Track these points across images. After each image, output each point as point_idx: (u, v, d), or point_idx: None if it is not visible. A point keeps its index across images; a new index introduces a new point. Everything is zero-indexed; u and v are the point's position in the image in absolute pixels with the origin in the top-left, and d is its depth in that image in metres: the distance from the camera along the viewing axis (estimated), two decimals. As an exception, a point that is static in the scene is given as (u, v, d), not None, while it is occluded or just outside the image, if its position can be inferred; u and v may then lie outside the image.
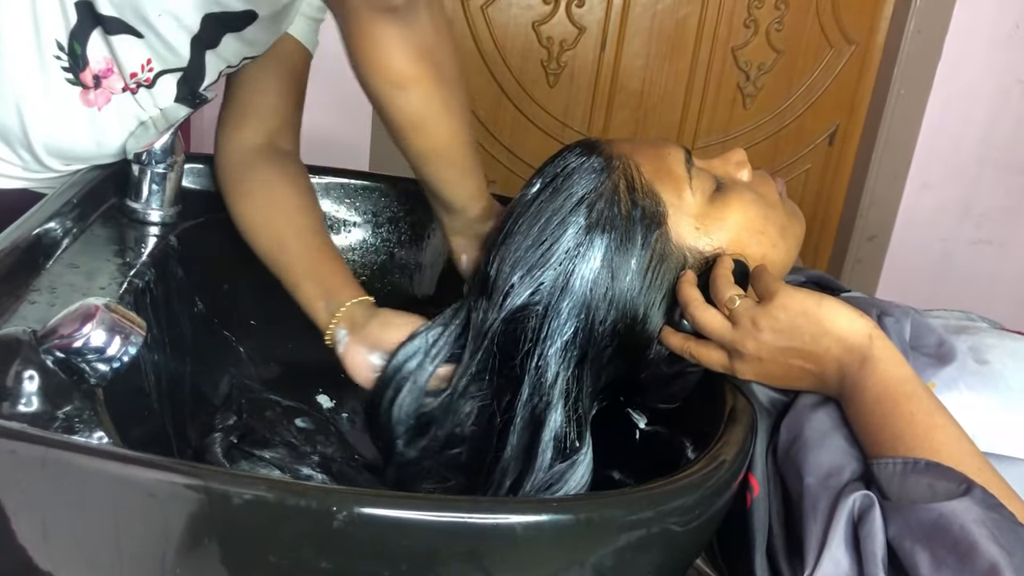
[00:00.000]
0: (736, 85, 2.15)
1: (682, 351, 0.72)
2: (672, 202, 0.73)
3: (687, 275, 0.73)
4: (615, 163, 0.74)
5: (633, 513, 0.54)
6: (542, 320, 0.72)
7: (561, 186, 0.73)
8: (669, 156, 0.75)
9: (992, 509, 0.55)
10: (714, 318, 0.70)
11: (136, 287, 0.77)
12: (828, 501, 0.61)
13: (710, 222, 0.74)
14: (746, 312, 0.68)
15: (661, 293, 0.73)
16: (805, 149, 2.24)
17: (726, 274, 0.70)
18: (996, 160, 2.21)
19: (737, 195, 0.75)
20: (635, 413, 0.80)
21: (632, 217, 0.72)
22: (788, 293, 0.67)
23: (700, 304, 0.70)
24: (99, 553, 0.52)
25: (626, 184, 0.73)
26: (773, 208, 0.76)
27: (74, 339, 0.57)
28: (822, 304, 0.66)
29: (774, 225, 0.75)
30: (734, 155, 0.78)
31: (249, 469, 0.82)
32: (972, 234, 2.29)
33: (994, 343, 0.73)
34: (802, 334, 0.66)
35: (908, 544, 0.56)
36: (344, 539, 0.49)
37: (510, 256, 0.73)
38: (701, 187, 0.74)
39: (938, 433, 0.61)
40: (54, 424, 0.56)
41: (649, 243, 0.72)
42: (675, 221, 0.73)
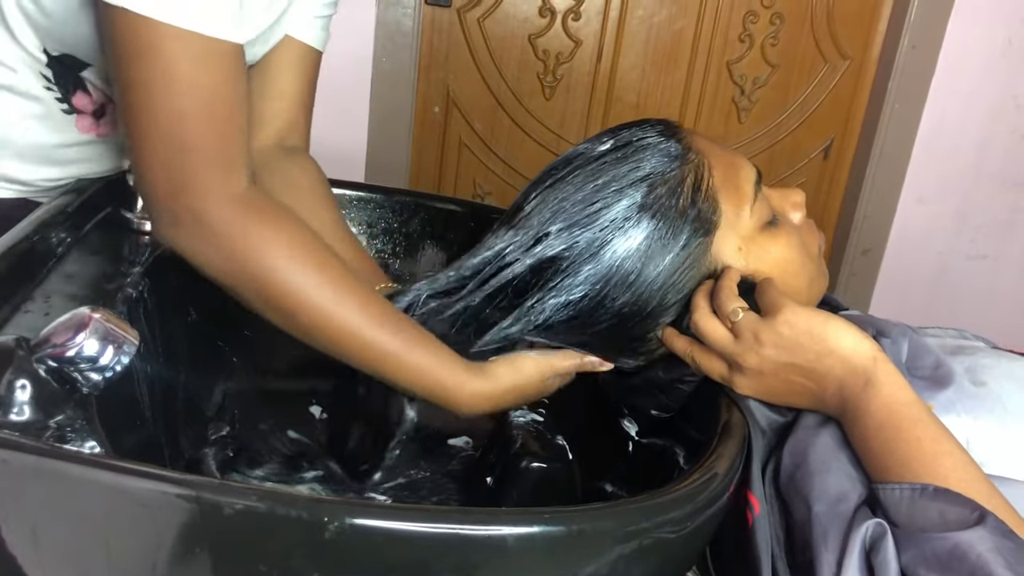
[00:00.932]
0: (731, 99, 2.15)
1: (684, 354, 0.72)
2: (728, 216, 0.72)
3: (706, 284, 0.72)
4: (691, 156, 0.73)
5: (626, 525, 0.54)
6: (560, 275, 0.71)
7: (631, 156, 0.72)
8: (741, 171, 0.74)
9: (1006, 537, 0.55)
10: (717, 328, 0.69)
11: (130, 297, 0.77)
12: (839, 529, 0.61)
13: (754, 248, 0.73)
14: (749, 326, 0.68)
15: (679, 296, 0.72)
16: (800, 163, 2.24)
17: (731, 286, 0.70)
18: (990, 174, 2.22)
19: (787, 234, 0.75)
20: (626, 421, 0.80)
21: (686, 215, 0.71)
22: (794, 310, 0.67)
23: (706, 313, 0.70)
24: (90, 562, 0.51)
25: (694, 181, 0.72)
26: (811, 260, 0.77)
27: (67, 348, 0.57)
28: (828, 323, 0.66)
29: (806, 276, 0.76)
30: (794, 195, 0.78)
31: (241, 480, 0.82)
32: (966, 248, 2.30)
33: (991, 364, 0.73)
34: (805, 352, 0.66)
35: (923, 573, 0.56)
36: (335, 550, 0.49)
37: (554, 203, 0.72)
38: (760, 212, 0.74)
39: (946, 459, 0.60)
40: (46, 433, 0.56)
41: (691, 245, 0.71)
42: (723, 235, 0.72)
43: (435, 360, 0.73)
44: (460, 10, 2.02)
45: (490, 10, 2.02)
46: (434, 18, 2.03)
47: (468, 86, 2.08)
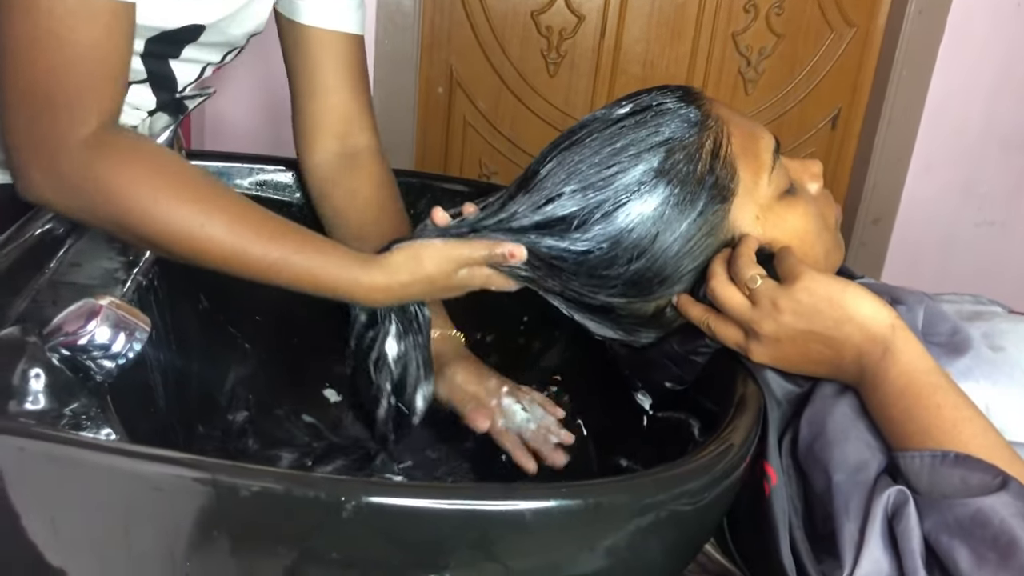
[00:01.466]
0: (737, 70, 2.14)
1: (700, 322, 0.72)
2: (747, 184, 0.72)
3: (723, 252, 0.72)
4: (710, 123, 0.72)
5: (642, 498, 0.54)
6: (567, 230, 0.71)
7: (650, 120, 0.72)
8: (761, 139, 0.74)
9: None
10: (734, 295, 0.69)
11: (140, 284, 0.77)
12: (860, 498, 0.60)
13: (772, 217, 0.73)
14: (767, 293, 0.67)
15: (695, 263, 0.72)
16: (807, 134, 2.23)
17: (749, 253, 0.69)
18: (1000, 140, 2.20)
19: (804, 203, 0.75)
20: (641, 395, 0.80)
21: (704, 181, 0.70)
22: (813, 276, 0.66)
23: (723, 280, 0.69)
24: (109, 548, 0.52)
25: (713, 147, 0.71)
26: (828, 230, 0.76)
27: (79, 336, 0.57)
28: (847, 290, 0.65)
29: (822, 246, 0.75)
30: (812, 165, 0.78)
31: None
32: (976, 215, 2.28)
33: (1008, 329, 0.72)
34: (824, 319, 0.65)
35: (945, 540, 0.56)
36: (353, 529, 0.49)
37: (569, 165, 0.71)
38: (778, 181, 0.73)
39: (966, 426, 0.60)
40: (61, 421, 0.56)
41: (708, 212, 0.71)
42: (741, 202, 0.72)
43: (323, 260, 0.73)
44: (462, -11, 2.01)
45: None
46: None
47: (471, 65, 2.07)
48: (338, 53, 0.94)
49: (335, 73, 0.93)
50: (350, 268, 0.73)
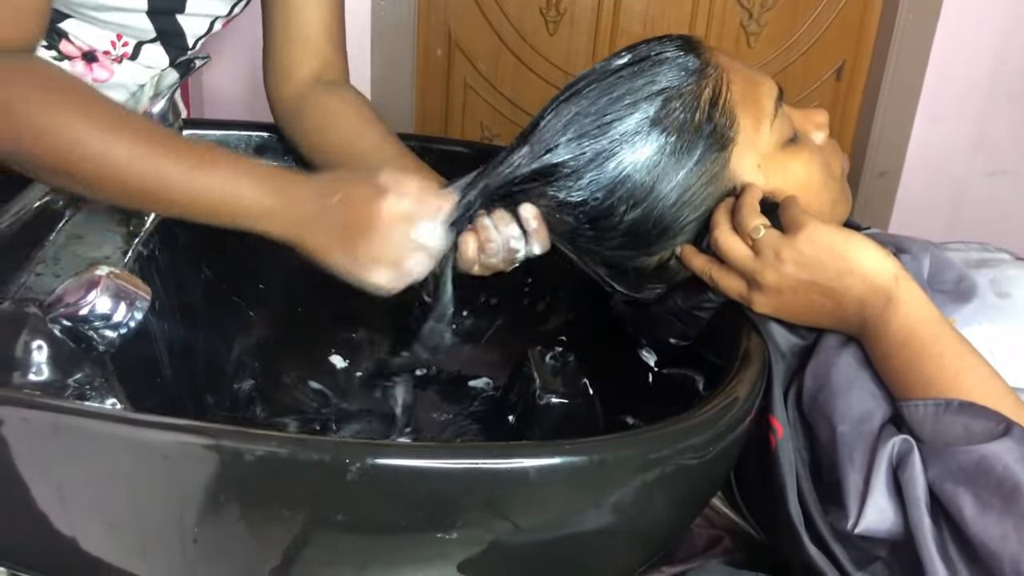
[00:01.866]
0: (739, 24, 2.11)
1: (702, 273, 0.71)
2: (747, 132, 0.71)
3: (727, 201, 0.71)
4: (709, 71, 0.72)
5: (647, 453, 0.54)
6: (562, 179, 0.71)
7: (647, 70, 0.71)
8: (763, 87, 0.73)
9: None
10: (737, 245, 0.68)
11: (141, 255, 0.77)
12: (865, 448, 0.60)
13: (774, 165, 0.72)
14: (770, 243, 0.67)
15: (696, 213, 0.71)
16: (812, 86, 2.20)
17: (753, 203, 0.69)
18: (1007, 90, 2.17)
19: (808, 152, 0.74)
20: (645, 352, 0.80)
21: (702, 129, 0.70)
22: (816, 227, 0.65)
23: (726, 230, 0.69)
24: (118, 516, 0.52)
25: (711, 95, 0.71)
26: (833, 180, 0.76)
27: (80, 307, 0.57)
28: (849, 240, 0.65)
29: (828, 196, 0.74)
30: (817, 115, 0.77)
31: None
32: (984, 166, 2.26)
33: (1016, 275, 0.72)
34: (826, 269, 0.65)
35: (949, 487, 0.56)
36: (359, 491, 0.49)
37: (567, 116, 0.71)
38: (780, 129, 0.73)
39: (969, 374, 0.60)
40: (66, 392, 0.56)
41: (706, 161, 0.70)
42: (741, 151, 0.71)
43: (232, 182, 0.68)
44: (458, -51, 1.99)
45: (488, -54, 1.99)
46: (432, -41, 2.00)
47: (470, 26, 2.05)
48: (323, 5, 0.93)
49: (313, 19, 0.92)
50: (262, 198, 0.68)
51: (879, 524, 0.58)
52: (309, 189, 0.69)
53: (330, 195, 0.68)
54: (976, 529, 0.54)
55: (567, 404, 0.84)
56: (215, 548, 0.52)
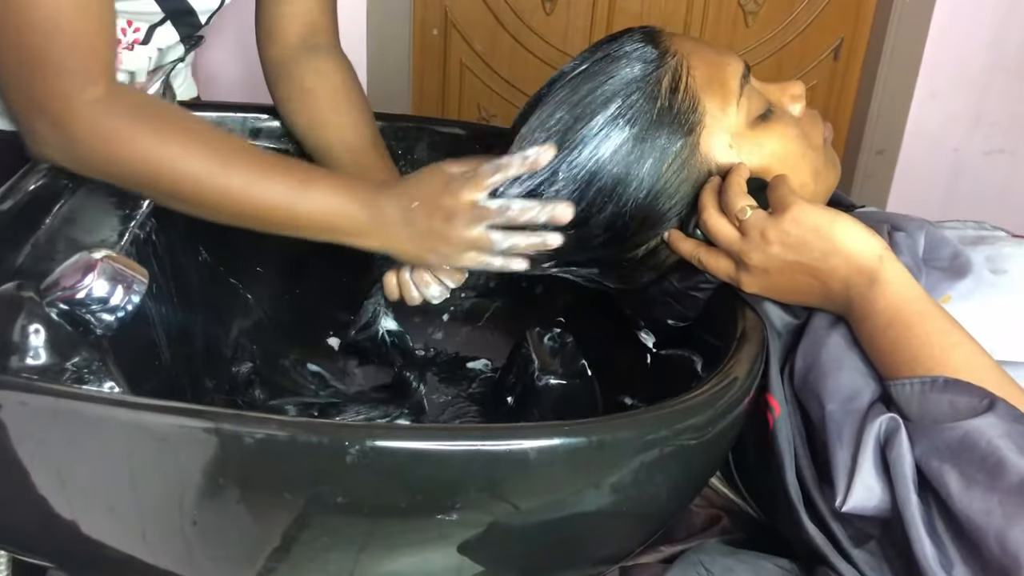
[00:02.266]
0: (737, 3, 2.10)
1: (691, 257, 0.72)
2: (714, 113, 0.71)
3: (713, 180, 0.71)
4: (667, 59, 0.72)
5: (646, 434, 0.54)
6: (539, 182, 0.72)
7: (607, 68, 0.72)
8: (727, 67, 0.73)
9: (1017, 421, 0.55)
10: (724, 226, 0.69)
11: (138, 238, 0.76)
12: (853, 427, 0.61)
13: (746, 144, 0.72)
14: (756, 224, 0.67)
15: (673, 200, 0.72)
16: (810, 65, 2.19)
17: (740, 183, 0.69)
18: (1006, 67, 2.16)
19: (782, 126, 0.74)
20: (644, 333, 0.80)
21: (663, 117, 0.70)
22: (802, 207, 0.66)
23: (714, 211, 0.69)
24: (118, 500, 0.52)
25: (671, 82, 0.71)
26: (814, 150, 0.75)
27: (77, 290, 0.57)
28: (835, 221, 0.65)
29: (809, 166, 0.74)
30: (793, 87, 0.77)
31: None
32: (982, 144, 2.25)
33: (1012, 252, 0.72)
34: (811, 250, 0.65)
35: (936, 464, 0.56)
36: (358, 473, 0.49)
37: (536, 124, 0.73)
38: (748, 107, 0.72)
39: (955, 351, 0.60)
40: (64, 376, 0.56)
41: (672, 147, 0.71)
42: (709, 133, 0.71)
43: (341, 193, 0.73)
44: (453, -72, 1.97)
45: (484, -75, 1.97)
46: (427, -62, 1.98)
47: (466, 5, 2.04)
48: None
49: None
50: (348, 187, 0.73)
51: (866, 502, 0.59)
52: (393, 196, 0.73)
53: (411, 199, 0.72)
54: (961, 505, 0.54)
55: (565, 385, 0.84)
56: (215, 531, 0.53)
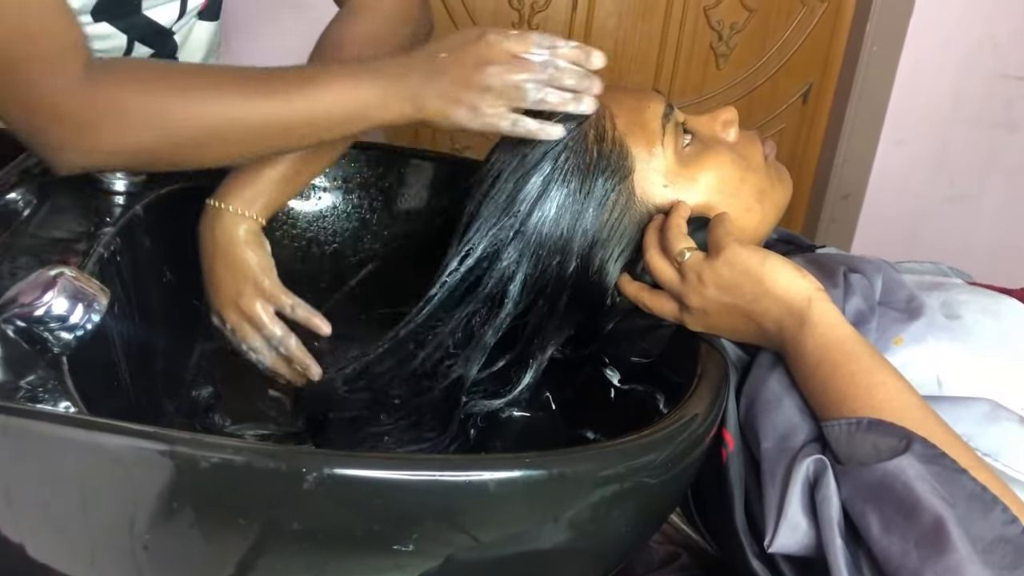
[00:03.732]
0: (709, 45, 2.13)
1: (635, 299, 0.73)
2: (641, 156, 0.72)
3: (656, 220, 0.72)
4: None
5: (606, 468, 0.54)
6: (492, 266, 0.73)
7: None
8: (648, 109, 0.74)
9: (932, 461, 0.55)
10: (665, 268, 0.70)
11: (101, 257, 0.75)
12: (784, 466, 0.61)
13: (679, 180, 0.73)
14: (693, 266, 0.68)
15: (620, 246, 0.73)
16: (779, 108, 2.23)
17: (679, 224, 0.70)
18: (969, 116, 2.22)
19: (713, 155, 0.74)
20: (609, 370, 0.80)
21: (595, 169, 0.72)
22: (734, 249, 0.67)
23: (655, 253, 0.71)
24: (67, 522, 0.51)
25: (596, 135, 0.72)
26: (754, 171, 0.75)
27: (35, 307, 0.56)
28: (765, 263, 0.66)
29: (750, 189, 0.74)
30: (723, 113, 0.78)
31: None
32: (946, 191, 2.30)
33: (967, 299, 0.73)
34: (744, 292, 0.66)
35: (859, 506, 0.56)
36: (315, 500, 0.49)
37: (480, 194, 0.74)
38: (674, 143, 0.73)
39: (879, 390, 0.61)
40: (18, 394, 0.55)
41: (610, 196, 0.72)
42: (642, 176, 0.72)
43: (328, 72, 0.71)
44: (432, -40, 1.99)
45: (463, -40, 1.99)
46: (406, -30, 1.99)
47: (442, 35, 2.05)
48: None
49: None
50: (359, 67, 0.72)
51: (791, 542, 0.59)
52: (416, 54, 0.72)
53: (437, 51, 0.71)
54: (881, 547, 0.55)
55: (529, 418, 0.84)
56: (166, 555, 0.52)
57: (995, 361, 0.67)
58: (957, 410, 0.62)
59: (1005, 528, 0.53)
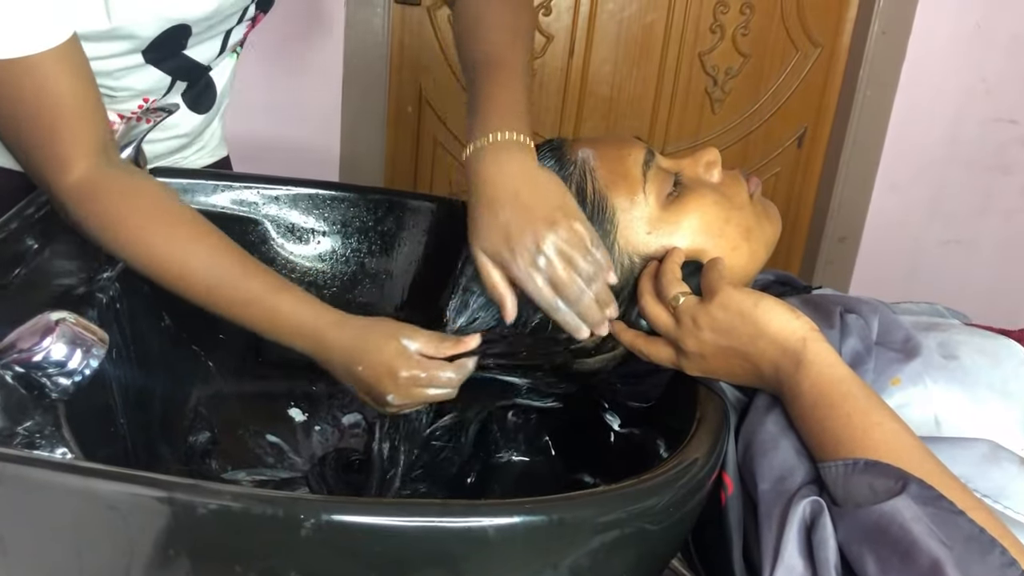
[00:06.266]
0: (704, 90, 2.16)
1: (632, 347, 0.72)
2: (623, 206, 0.73)
3: (650, 266, 0.72)
4: (570, 167, 0.74)
5: (606, 513, 0.54)
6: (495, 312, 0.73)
7: None
8: (628, 157, 0.74)
9: (929, 503, 0.55)
10: (661, 313, 0.70)
11: (100, 301, 0.76)
12: (780, 508, 0.61)
13: (664, 226, 0.73)
14: (688, 311, 0.68)
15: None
16: (774, 152, 2.25)
17: (673, 269, 0.70)
18: (962, 159, 2.24)
19: (696, 197, 0.74)
20: (608, 415, 0.80)
21: None
22: (727, 292, 0.67)
23: (650, 299, 0.71)
24: (63, 569, 0.51)
25: (578, 189, 0.73)
26: (739, 210, 0.75)
27: (34, 353, 0.56)
28: (759, 305, 0.66)
29: (736, 228, 0.75)
30: (705, 155, 0.77)
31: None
32: (940, 234, 2.31)
33: (963, 340, 0.73)
34: (739, 335, 0.66)
35: (856, 548, 0.56)
36: (313, 547, 0.48)
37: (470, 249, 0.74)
38: (656, 189, 0.73)
39: (875, 431, 0.60)
40: (15, 440, 0.55)
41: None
42: (625, 225, 0.73)
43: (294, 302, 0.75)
44: (430, 8, 2.01)
45: (461, 8, 2.02)
46: (404, 17, 2.02)
47: (440, 84, 2.08)
48: None
49: None
50: (319, 315, 0.75)
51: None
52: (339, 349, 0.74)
53: (355, 362, 0.73)
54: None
55: (527, 462, 0.83)
56: (162, 604, 0.51)
57: (993, 402, 0.67)
58: (955, 451, 0.62)
59: (1004, 571, 0.53)
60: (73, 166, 0.73)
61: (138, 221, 0.74)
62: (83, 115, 0.73)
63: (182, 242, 0.75)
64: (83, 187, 0.73)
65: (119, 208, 0.74)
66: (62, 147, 0.73)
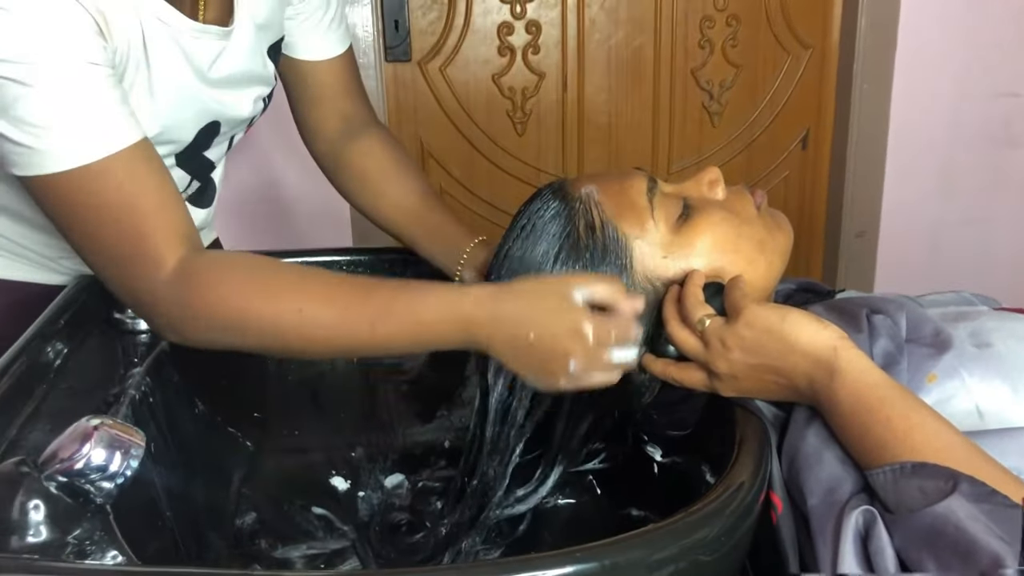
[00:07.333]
0: (701, 105, 2.16)
1: (663, 376, 0.72)
2: (635, 235, 0.73)
3: (672, 291, 0.72)
4: (575, 205, 0.74)
5: (658, 551, 0.54)
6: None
7: (530, 238, 0.75)
8: (632, 188, 0.75)
9: (983, 500, 0.54)
10: (688, 338, 0.70)
11: (133, 399, 0.76)
12: (833, 521, 0.60)
13: (677, 249, 0.73)
14: (715, 332, 0.68)
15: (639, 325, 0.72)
16: (780, 157, 2.25)
17: (695, 293, 0.70)
18: (969, 138, 2.22)
19: (705, 217, 0.74)
20: (649, 447, 0.80)
21: (595, 257, 0.73)
22: (752, 310, 0.67)
23: (676, 324, 0.71)
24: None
25: (586, 225, 0.73)
26: (748, 224, 0.75)
27: (75, 461, 0.57)
28: (786, 319, 0.66)
29: (749, 241, 0.75)
30: (707, 174, 0.78)
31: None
32: (957, 215, 2.29)
33: (995, 326, 0.72)
34: (769, 351, 0.66)
35: (914, 554, 0.55)
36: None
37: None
38: (665, 215, 0.74)
39: (917, 432, 0.60)
40: (66, 551, 0.55)
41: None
42: (640, 254, 0.73)
43: (422, 294, 0.70)
44: (420, 62, 2.04)
45: (450, 58, 2.04)
46: (396, 74, 2.05)
47: (440, 135, 2.09)
48: (328, 72, 1.01)
49: (329, 86, 1.01)
50: (464, 292, 0.70)
51: None
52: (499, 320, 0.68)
53: (524, 330, 0.67)
54: None
55: (574, 504, 0.83)
56: None
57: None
58: (1004, 443, 0.61)
59: None
60: (166, 261, 0.71)
61: (242, 292, 0.71)
62: (166, 208, 0.73)
63: (292, 297, 0.70)
64: (181, 280, 0.71)
65: (222, 289, 0.71)
66: (151, 244, 0.71)
